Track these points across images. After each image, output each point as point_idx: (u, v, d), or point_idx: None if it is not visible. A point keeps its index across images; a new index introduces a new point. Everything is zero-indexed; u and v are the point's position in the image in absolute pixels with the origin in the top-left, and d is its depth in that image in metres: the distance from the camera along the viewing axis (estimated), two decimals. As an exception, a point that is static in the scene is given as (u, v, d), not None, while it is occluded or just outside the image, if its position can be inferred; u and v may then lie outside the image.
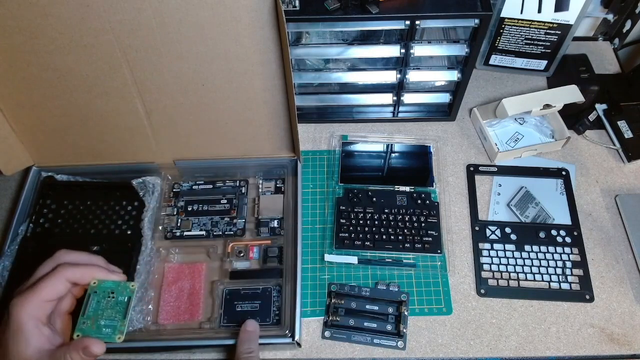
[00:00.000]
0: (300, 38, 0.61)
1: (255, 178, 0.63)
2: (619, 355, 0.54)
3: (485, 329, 0.55)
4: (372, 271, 0.59)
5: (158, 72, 0.52)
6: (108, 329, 0.38)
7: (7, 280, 0.54)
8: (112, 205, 0.59)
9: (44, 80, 0.52)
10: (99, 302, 0.39)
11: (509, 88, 0.76)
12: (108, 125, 0.58)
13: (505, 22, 0.68)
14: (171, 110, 0.56)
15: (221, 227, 0.60)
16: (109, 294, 0.39)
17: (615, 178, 0.66)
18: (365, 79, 0.65)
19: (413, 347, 0.54)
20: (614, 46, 0.80)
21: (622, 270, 0.59)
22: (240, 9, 0.46)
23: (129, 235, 0.57)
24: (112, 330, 0.38)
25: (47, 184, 0.61)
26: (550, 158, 0.68)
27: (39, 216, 0.58)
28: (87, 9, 0.46)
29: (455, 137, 0.70)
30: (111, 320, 0.38)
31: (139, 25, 0.47)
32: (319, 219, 0.63)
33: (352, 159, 0.67)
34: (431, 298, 0.57)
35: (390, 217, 0.61)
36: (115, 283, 0.39)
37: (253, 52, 0.50)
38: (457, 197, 0.65)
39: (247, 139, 0.60)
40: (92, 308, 0.38)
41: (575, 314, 0.56)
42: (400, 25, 0.56)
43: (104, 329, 0.38)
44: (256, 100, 0.55)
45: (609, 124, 0.70)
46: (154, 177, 0.60)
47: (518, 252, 0.60)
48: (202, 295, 0.56)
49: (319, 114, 0.72)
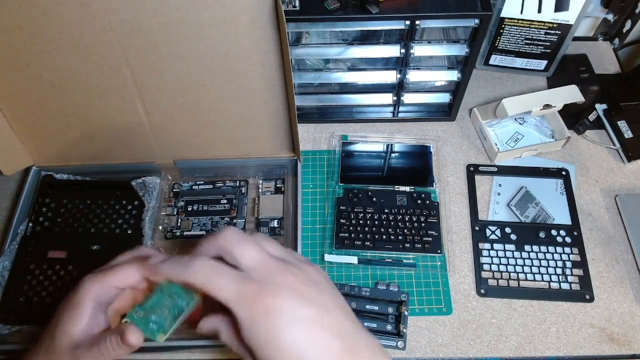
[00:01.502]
0: (300, 38, 0.61)
1: (255, 178, 0.63)
2: (619, 355, 0.54)
3: (485, 329, 0.55)
4: (372, 271, 0.59)
5: (158, 72, 0.52)
6: (154, 325, 0.37)
7: (7, 280, 0.54)
8: (112, 205, 0.59)
9: (44, 80, 0.52)
10: (159, 299, 0.38)
11: (509, 88, 0.76)
12: (108, 125, 0.58)
13: (505, 22, 0.68)
14: (171, 110, 0.56)
15: (221, 227, 0.60)
16: (172, 294, 0.38)
17: (615, 178, 0.66)
18: (365, 79, 0.65)
19: (413, 347, 0.54)
20: (614, 46, 0.80)
21: (622, 270, 0.59)
22: (240, 9, 0.46)
23: (129, 234, 0.57)
24: (158, 327, 0.37)
25: (47, 183, 0.61)
26: (550, 158, 0.68)
27: (38, 215, 0.58)
28: (87, 9, 0.46)
29: (455, 137, 0.70)
30: (161, 319, 0.38)
31: (139, 25, 0.47)
32: (319, 219, 0.63)
33: (352, 159, 0.67)
34: (431, 298, 0.57)
35: (390, 217, 0.61)
36: (182, 288, 0.38)
37: (253, 52, 0.50)
38: (457, 197, 0.65)
39: (247, 139, 0.60)
40: (150, 302, 0.38)
41: (575, 314, 0.56)
42: (400, 25, 0.56)
43: (151, 323, 0.37)
44: (256, 100, 0.55)
45: (609, 124, 0.70)
46: (154, 177, 0.60)
47: (518, 252, 0.60)
48: (202, 295, 0.56)
49: (319, 114, 0.72)
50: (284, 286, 0.32)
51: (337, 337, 0.32)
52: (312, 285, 0.33)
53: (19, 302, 0.53)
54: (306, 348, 0.31)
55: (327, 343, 0.31)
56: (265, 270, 0.33)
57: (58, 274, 0.55)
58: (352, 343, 0.32)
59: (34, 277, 0.55)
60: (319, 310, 0.32)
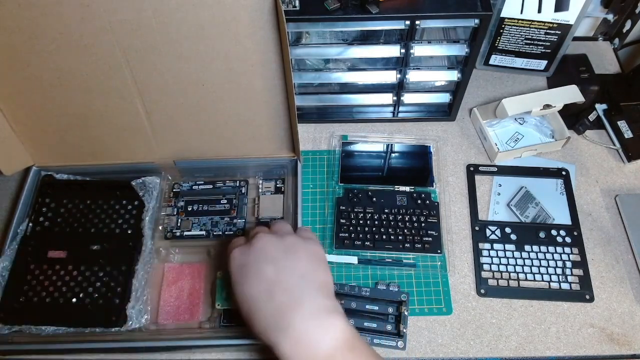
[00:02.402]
0: (300, 38, 0.61)
1: (255, 178, 0.63)
2: (619, 355, 0.54)
3: (485, 329, 0.55)
4: (372, 271, 0.59)
5: (158, 72, 0.52)
6: None
7: (7, 280, 0.54)
8: (112, 205, 0.59)
9: (44, 80, 0.52)
10: None
11: (509, 88, 0.76)
12: (108, 125, 0.58)
13: (505, 22, 0.68)
14: (171, 110, 0.56)
15: (221, 227, 0.60)
16: None
17: (615, 178, 0.66)
18: (365, 79, 0.65)
19: (413, 347, 0.54)
20: (614, 46, 0.80)
21: (622, 270, 0.59)
22: (240, 9, 0.46)
23: (129, 234, 0.57)
24: None
25: (47, 183, 0.61)
26: (550, 158, 0.68)
27: (38, 215, 0.58)
28: (87, 9, 0.46)
29: (455, 137, 0.70)
30: None
31: (139, 25, 0.47)
32: (319, 219, 0.63)
33: (352, 159, 0.67)
34: (431, 298, 0.57)
35: (390, 217, 0.61)
36: None
37: (253, 52, 0.50)
38: (457, 197, 0.65)
39: (247, 139, 0.60)
40: None
41: (575, 314, 0.56)
42: (400, 25, 0.56)
43: None
44: (256, 100, 0.55)
45: (609, 124, 0.70)
46: (153, 177, 0.60)
47: (518, 252, 0.60)
48: (202, 295, 0.56)
49: (319, 114, 0.72)
50: (256, 247, 0.44)
51: (284, 292, 0.41)
52: (282, 251, 0.44)
53: (19, 302, 0.53)
54: (254, 294, 0.42)
55: (270, 295, 0.41)
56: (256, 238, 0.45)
57: (58, 274, 0.55)
58: (297, 299, 0.40)
59: (34, 277, 0.55)
60: (273, 269, 0.42)
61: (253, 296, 0.42)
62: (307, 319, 0.39)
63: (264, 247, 0.44)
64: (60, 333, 0.52)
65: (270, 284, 0.41)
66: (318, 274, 0.43)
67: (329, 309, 0.40)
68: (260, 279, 0.42)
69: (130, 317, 0.51)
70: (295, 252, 0.44)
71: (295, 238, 0.46)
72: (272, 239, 0.45)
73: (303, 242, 0.46)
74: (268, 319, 0.40)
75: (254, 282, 0.42)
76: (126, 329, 0.51)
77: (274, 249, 0.44)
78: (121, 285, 0.54)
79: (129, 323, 0.51)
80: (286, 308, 0.40)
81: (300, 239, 0.46)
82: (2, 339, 0.52)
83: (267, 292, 0.41)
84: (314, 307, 0.40)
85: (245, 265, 0.43)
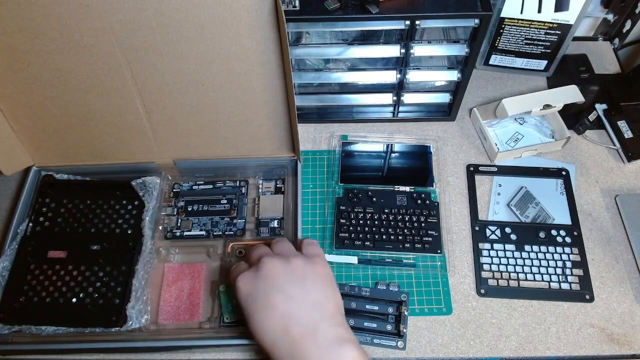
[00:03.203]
0: (300, 38, 0.61)
1: (255, 178, 0.63)
2: (619, 355, 0.54)
3: (485, 329, 0.55)
4: (372, 271, 0.59)
5: (158, 72, 0.52)
6: None
7: (7, 280, 0.54)
8: (112, 205, 0.59)
9: (44, 80, 0.52)
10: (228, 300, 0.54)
11: (509, 88, 0.76)
12: (108, 125, 0.58)
13: (505, 22, 0.68)
14: (171, 110, 0.56)
15: (221, 227, 0.60)
16: None
17: (615, 178, 0.66)
18: (365, 79, 0.65)
19: (413, 347, 0.54)
20: (614, 46, 0.80)
21: (622, 270, 0.59)
22: (240, 9, 0.46)
23: (129, 234, 0.57)
24: None
25: (47, 183, 0.61)
26: (550, 158, 0.68)
27: (38, 215, 0.58)
28: (87, 9, 0.46)
29: (455, 137, 0.70)
30: None
31: (139, 25, 0.47)
32: (319, 219, 0.63)
33: (352, 159, 0.67)
34: (431, 298, 0.57)
35: (390, 217, 0.61)
36: None
37: (253, 52, 0.50)
38: (457, 197, 0.65)
39: (247, 139, 0.60)
40: None
41: (575, 314, 0.56)
42: (400, 25, 0.56)
43: None
44: (256, 100, 0.55)
45: (609, 124, 0.70)
46: (154, 177, 0.60)
47: (518, 252, 0.60)
48: (202, 295, 0.56)
49: (319, 114, 0.72)
50: (262, 275, 0.43)
51: (298, 324, 0.40)
52: (290, 277, 0.43)
53: (19, 302, 0.53)
54: (268, 329, 0.41)
55: (285, 330, 0.40)
56: (261, 263, 0.44)
57: (58, 274, 0.55)
58: (311, 331, 0.40)
59: (34, 277, 0.55)
60: (284, 299, 0.42)
61: (268, 331, 0.41)
62: (321, 350, 0.39)
63: (270, 274, 0.43)
64: (60, 333, 0.52)
65: (284, 318, 0.41)
66: (329, 300, 0.43)
67: (342, 338, 0.40)
68: (273, 312, 0.41)
69: (130, 317, 0.51)
70: (304, 278, 0.43)
71: (302, 260, 0.45)
72: (277, 264, 0.44)
73: (310, 265, 0.45)
74: (284, 353, 0.40)
75: (266, 315, 0.41)
76: (126, 329, 0.51)
77: (281, 275, 0.43)
78: (121, 285, 0.54)
79: (129, 323, 0.51)
80: (300, 340, 0.40)
81: (307, 260, 0.45)
82: (2, 339, 0.52)
83: (281, 327, 0.41)
84: (328, 337, 0.40)
85: (254, 297, 0.43)
